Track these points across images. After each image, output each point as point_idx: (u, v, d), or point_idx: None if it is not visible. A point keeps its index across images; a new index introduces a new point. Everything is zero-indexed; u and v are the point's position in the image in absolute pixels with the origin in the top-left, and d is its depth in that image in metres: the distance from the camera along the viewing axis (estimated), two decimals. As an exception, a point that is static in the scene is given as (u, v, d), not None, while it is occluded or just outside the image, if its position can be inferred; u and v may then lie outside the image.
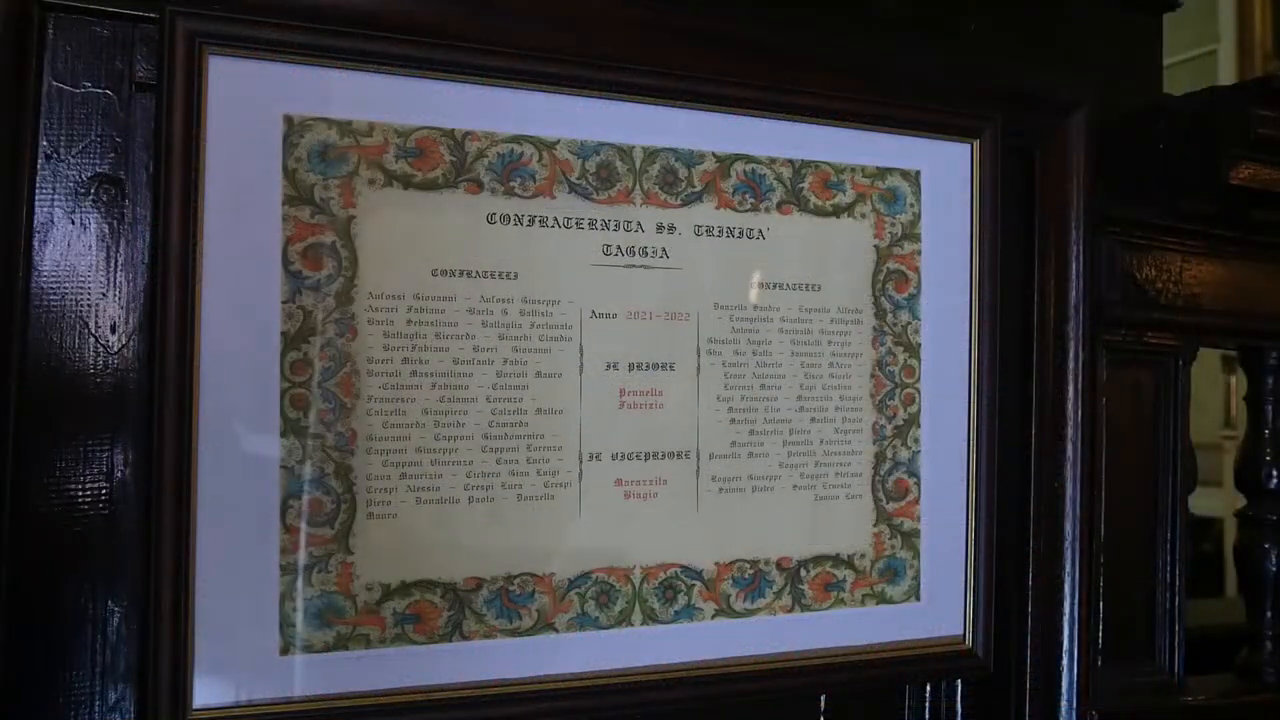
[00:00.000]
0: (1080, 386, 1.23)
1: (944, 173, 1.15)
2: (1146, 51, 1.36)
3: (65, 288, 0.90)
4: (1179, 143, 1.30)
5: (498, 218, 0.97)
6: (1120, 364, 1.30)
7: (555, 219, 0.99)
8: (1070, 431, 1.23)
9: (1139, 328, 1.31)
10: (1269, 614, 1.45)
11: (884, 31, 1.16)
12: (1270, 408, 1.45)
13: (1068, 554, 1.24)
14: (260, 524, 0.90)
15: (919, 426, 1.14)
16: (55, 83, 0.90)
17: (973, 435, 1.16)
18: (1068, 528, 1.23)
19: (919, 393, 1.14)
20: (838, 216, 1.10)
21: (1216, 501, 4.39)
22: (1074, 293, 1.23)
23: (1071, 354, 1.23)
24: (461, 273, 0.95)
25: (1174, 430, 1.35)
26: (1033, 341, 1.22)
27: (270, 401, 0.90)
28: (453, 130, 0.96)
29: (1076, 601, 1.23)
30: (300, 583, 0.90)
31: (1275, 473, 1.45)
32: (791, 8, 1.11)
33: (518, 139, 0.98)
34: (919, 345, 1.14)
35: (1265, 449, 1.45)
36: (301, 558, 0.91)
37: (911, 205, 1.13)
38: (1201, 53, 5.98)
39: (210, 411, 0.88)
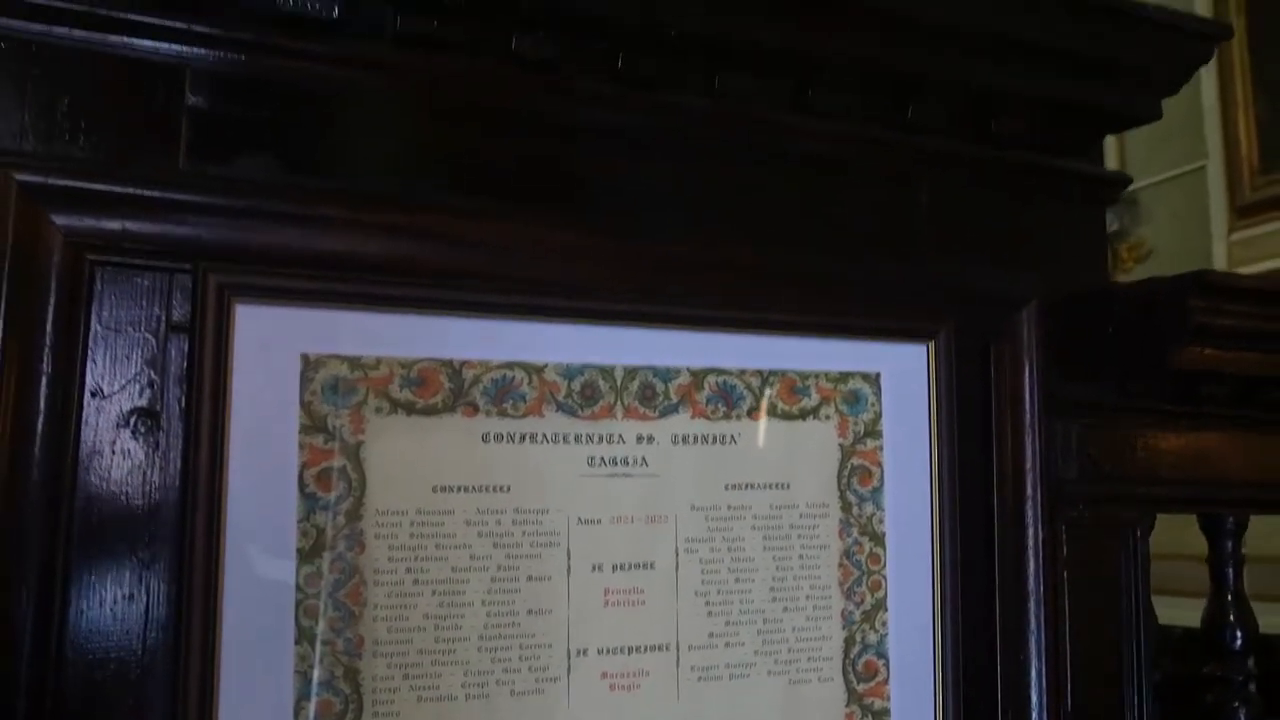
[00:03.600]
0: (1040, 563, 1.32)
1: (902, 373, 1.25)
2: (1091, 240, 1.47)
3: (106, 510, 1.00)
4: (1126, 328, 1.40)
5: (492, 437, 1.08)
6: (1080, 538, 1.39)
7: (544, 435, 1.09)
8: (1033, 607, 1.32)
9: (1097, 503, 1.40)
10: (1241, 771, 1.52)
11: (843, 245, 1.27)
12: (1231, 570, 1.54)
13: (1035, 722, 1.31)
14: (276, 724, 0.99)
15: (886, 610, 1.22)
16: (101, 327, 1.02)
17: (938, 615, 1.24)
18: (1034, 698, 1.31)
19: (885, 579, 1.23)
20: (804, 419, 1.21)
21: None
22: (1031, 475, 1.33)
23: (1031, 534, 1.32)
24: (459, 488, 1.06)
25: (1136, 597, 1.43)
26: (994, 523, 1.31)
27: (285, 612, 1.00)
28: (451, 360, 1.07)
29: (1045, 768, 1.30)
30: (312, 779, 0.99)
31: (1239, 634, 1.53)
32: (755, 228, 1.23)
33: (510, 365, 1.09)
34: (884, 534, 1.23)
35: (1229, 611, 1.53)
36: (313, 755, 0.99)
37: (873, 405, 1.24)
38: (1191, 169, 6.14)
39: (232, 622, 0.98)
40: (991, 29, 1.28)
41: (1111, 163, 6.50)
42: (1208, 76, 5.85)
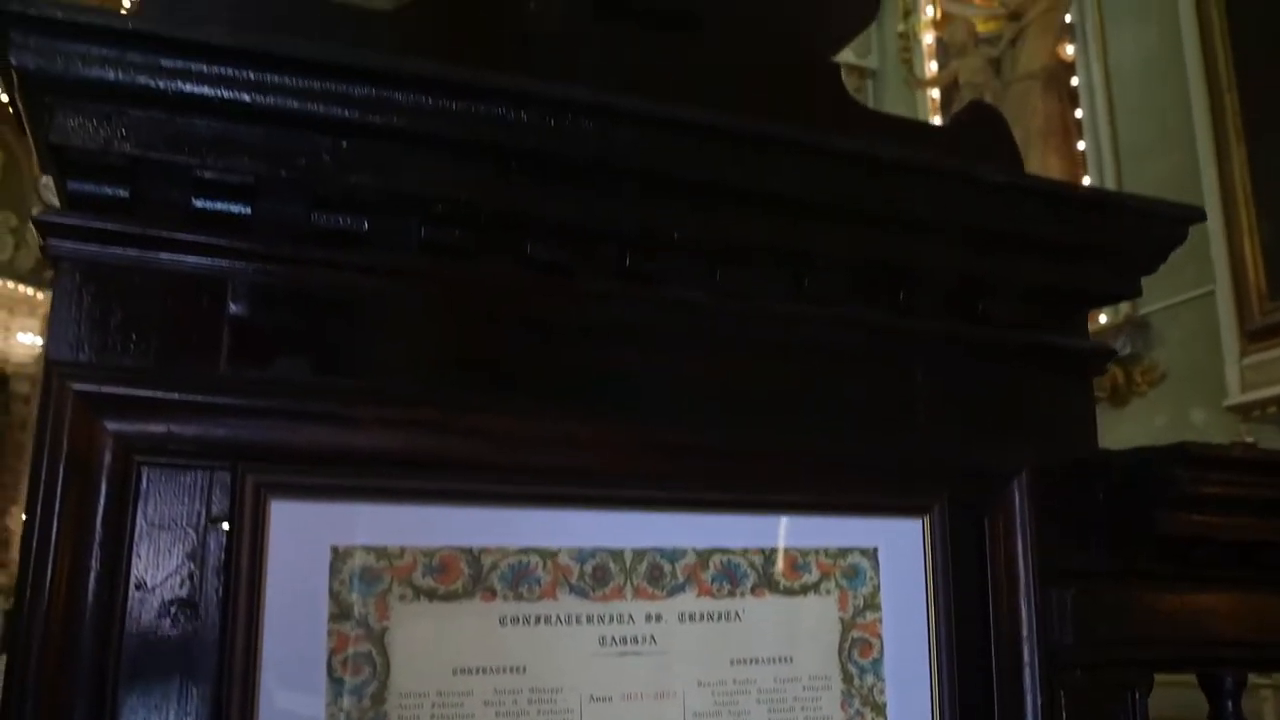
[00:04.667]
0: (1039, 729, 1.36)
1: (899, 547, 1.32)
2: (1080, 409, 1.54)
3: (147, 695, 1.06)
4: (1116, 496, 1.46)
5: (509, 620, 1.14)
6: (1079, 702, 1.43)
7: (558, 617, 1.16)
8: (1033, 771, 1.35)
9: (1094, 667, 1.44)
10: None
11: (841, 426, 1.35)
12: (1232, 729, 1.57)
13: None
14: None
15: (888, 780, 1.27)
16: (145, 523, 1.09)
17: (940, 783, 1.28)
18: None
19: (887, 749, 1.27)
20: (805, 595, 1.27)
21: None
22: (1028, 642, 1.37)
23: (1029, 700, 1.36)
24: (478, 669, 1.12)
25: (1139, 758, 1.46)
26: (992, 690, 1.36)
27: (313, 794, 1.06)
28: (470, 548, 1.14)
29: None
30: None
31: (1243, 791, 1.55)
32: (757, 413, 1.31)
33: (525, 551, 1.16)
34: (884, 704, 1.28)
35: (1231, 769, 1.56)
36: None
37: (871, 579, 1.30)
38: (1200, 294, 6.22)
39: (262, 804, 1.04)
40: (976, 222, 1.37)
41: (1121, 287, 6.60)
42: (1211, 203, 5.98)
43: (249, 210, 1.14)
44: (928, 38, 7.88)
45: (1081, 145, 6.80)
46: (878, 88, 8.29)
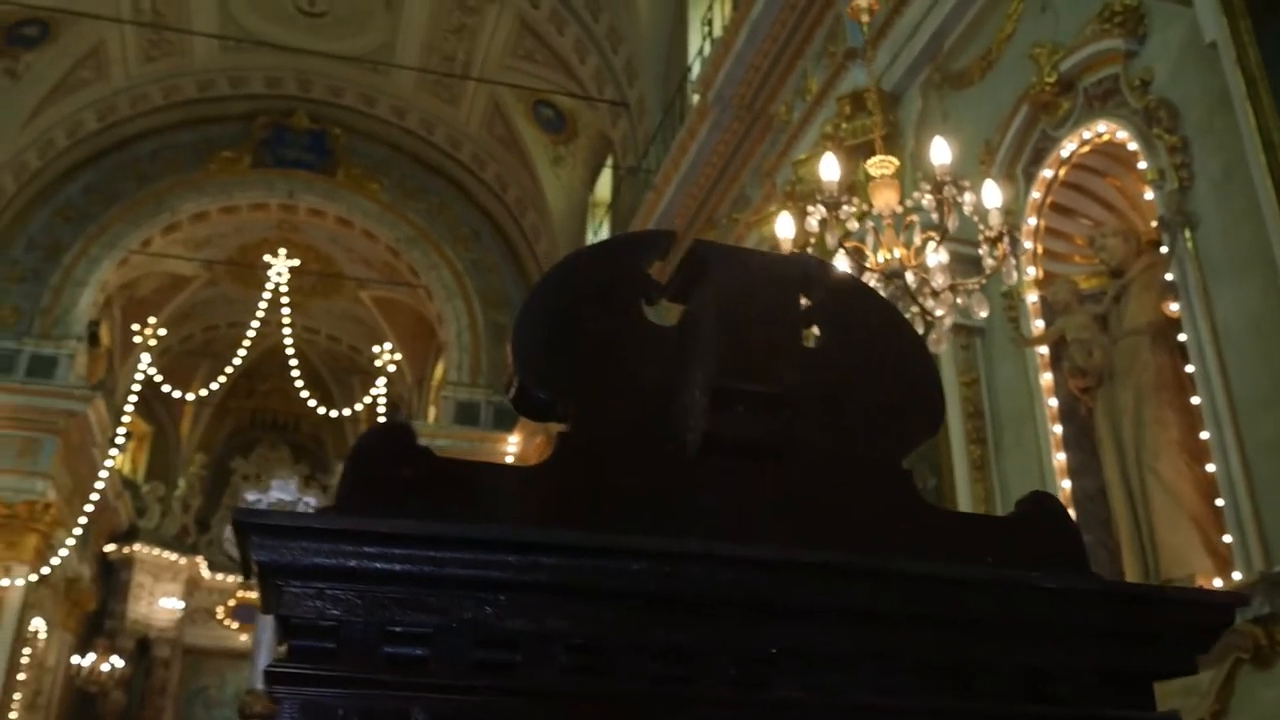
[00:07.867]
0: None
1: None
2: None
3: None
4: None
5: None
6: None
7: None
8: None
9: None
10: None
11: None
12: None
13: None
14: None
15: None
16: None
17: None
18: None
19: None
20: None
21: None
22: None
23: None
24: None
25: None
26: None
27: None
28: None
29: None
30: None
31: None
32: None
33: None
34: None
35: None
36: None
37: None
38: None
39: None
40: (1037, 620, 1.58)
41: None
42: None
43: (427, 652, 1.43)
44: (1032, 297, 8.11)
45: (1196, 400, 6.85)
46: (986, 346, 8.52)
